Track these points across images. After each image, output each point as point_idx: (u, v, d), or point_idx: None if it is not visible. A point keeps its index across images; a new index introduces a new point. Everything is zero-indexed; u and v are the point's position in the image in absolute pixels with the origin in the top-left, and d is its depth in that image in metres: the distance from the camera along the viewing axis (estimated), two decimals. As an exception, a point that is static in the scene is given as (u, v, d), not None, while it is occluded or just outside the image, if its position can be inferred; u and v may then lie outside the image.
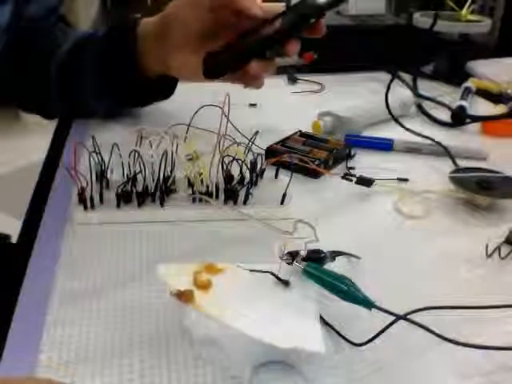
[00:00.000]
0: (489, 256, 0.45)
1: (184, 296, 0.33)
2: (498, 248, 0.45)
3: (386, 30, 0.98)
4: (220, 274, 0.35)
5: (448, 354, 0.34)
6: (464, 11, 0.98)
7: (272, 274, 0.35)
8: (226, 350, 0.32)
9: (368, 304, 0.33)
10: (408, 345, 0.35)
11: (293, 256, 0.36)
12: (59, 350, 0.34)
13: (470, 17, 0.98)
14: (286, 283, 0.35)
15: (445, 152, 0.63)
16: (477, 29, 0.98)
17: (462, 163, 0.57)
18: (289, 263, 0.36)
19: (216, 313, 0.32)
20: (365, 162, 0.61)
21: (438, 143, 0.62)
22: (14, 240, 0.50)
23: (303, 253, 0.36)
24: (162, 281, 0.34)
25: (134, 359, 0.34)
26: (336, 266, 0.39)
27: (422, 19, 0.99)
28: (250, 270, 0.36)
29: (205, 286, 0.34)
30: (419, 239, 0.47)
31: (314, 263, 0.36)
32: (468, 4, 0.98)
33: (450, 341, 0.33)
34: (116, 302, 0.39)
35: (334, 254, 0.40)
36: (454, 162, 0.56)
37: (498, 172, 0.55)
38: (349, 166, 0.59)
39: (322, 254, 0.38)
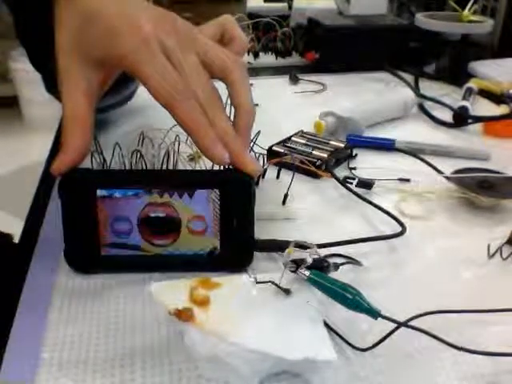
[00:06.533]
0: (491, 257, 0.45)
1: (183, 315, 0.32)
2: (500, 249, 0.45)
3: (388, 31, 0.98)
4: (216, 288, 0.35)
5: (452, 359, 0.34)
6: (466, 12, 0.98)
7: (272, 282, 0.35)
8: (232, 367, 0.31)
9: (373, 313, 0.33)
10: (411, 349, 0.35)
11: (297, 264, 0.36)
12: (61, 350, 0.34)
13: (472, 17, 0.98)
14: (286, 291, 0.35)
15: (446, 152, 0.63)
16: (479, 29, 0.98)
17: (464, 164, 0.57)
18: (293, 271, 0.35)
19: (219, 329, 0.31)
20: (366, 162, 0.61)
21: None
22: (16, 239, 0.50)
23: (309, 260, 0.36)
24: (158, 301, 0.33)
25: (135, 359, 0.34)
26: (339, 273, 0.39)
27: (423, 19, 0.99)
28: (250, 276, 0.35)
29: (203, 303, 0.33)
30: (420, 240, 0.47)
31: (319, 271, 0.35)
32: (470, 4, 0.98)
33: (455, 347, 0.33)
34: (119, 303, 0.39)
35: (336, 264, 0.40)
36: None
37: (499, 172, 0.54)
38: (350, 166, 0.59)
39: (326, 263, 0.38)
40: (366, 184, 0.54)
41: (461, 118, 0.73)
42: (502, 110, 0.74)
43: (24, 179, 1.08)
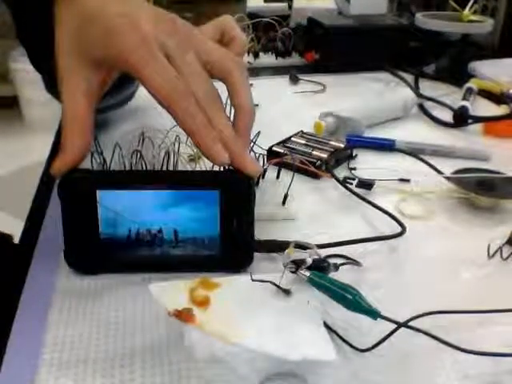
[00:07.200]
0: (491, 257, 0.45)
1: (183, 316, 0.32)
2: (500, 249, 0.45)
3: (388, 30, 0.98)
4: (216, 288, 0.35)
5: (452, 359, 0.34)
6: (466, 11, 0.98)
7: (272, 283, 0.35)
8: (232, 368, 0.31)
9: (373, 314, 0.33)
10: (411, 349, 0.35)
11: (297, 264, 0.36)
12: (61, 350, 0.34)
13: (472, 17, 0.98)
14: (286, 292, 0.35)
15: (447, 153, 0.63)
16: (479, 29, 0.98)
17: (464, 164, 0.57)
18: (293, 272, 0.35)
19: (219, 330, 0.31)
20: (366, 163, 0.61)
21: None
22: (16, 240, 0.50)
23: (309, 261, 0.36)
24: (158, 302, 0.33)
25: (135, 359, 0.34)
26: (339, 274, 0.39)
27: (423, 19, 0.99)
28: (252, 279, 0.35)
29: (203, 303, 0.33)
30: (420, 240, 0.47)
31: (319, 272, 0.35)
32: (470, 4, 0.98)
33: (455, 347, 0.33)
34: (119, 303, 0.39)
35: (336, 264, 0.40)
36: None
37: (499, 173, 0.54)
38: (350, 166, 0.59)
39: (326, 264, 0.38)
40: (366, 184, 0.54)
41: (461, 118, 0.73)
42: (502, 110, 0.74)
43: (24, 180, 1.08)
